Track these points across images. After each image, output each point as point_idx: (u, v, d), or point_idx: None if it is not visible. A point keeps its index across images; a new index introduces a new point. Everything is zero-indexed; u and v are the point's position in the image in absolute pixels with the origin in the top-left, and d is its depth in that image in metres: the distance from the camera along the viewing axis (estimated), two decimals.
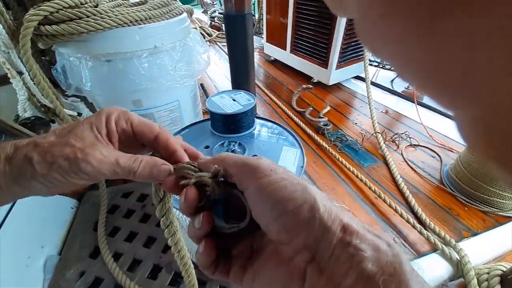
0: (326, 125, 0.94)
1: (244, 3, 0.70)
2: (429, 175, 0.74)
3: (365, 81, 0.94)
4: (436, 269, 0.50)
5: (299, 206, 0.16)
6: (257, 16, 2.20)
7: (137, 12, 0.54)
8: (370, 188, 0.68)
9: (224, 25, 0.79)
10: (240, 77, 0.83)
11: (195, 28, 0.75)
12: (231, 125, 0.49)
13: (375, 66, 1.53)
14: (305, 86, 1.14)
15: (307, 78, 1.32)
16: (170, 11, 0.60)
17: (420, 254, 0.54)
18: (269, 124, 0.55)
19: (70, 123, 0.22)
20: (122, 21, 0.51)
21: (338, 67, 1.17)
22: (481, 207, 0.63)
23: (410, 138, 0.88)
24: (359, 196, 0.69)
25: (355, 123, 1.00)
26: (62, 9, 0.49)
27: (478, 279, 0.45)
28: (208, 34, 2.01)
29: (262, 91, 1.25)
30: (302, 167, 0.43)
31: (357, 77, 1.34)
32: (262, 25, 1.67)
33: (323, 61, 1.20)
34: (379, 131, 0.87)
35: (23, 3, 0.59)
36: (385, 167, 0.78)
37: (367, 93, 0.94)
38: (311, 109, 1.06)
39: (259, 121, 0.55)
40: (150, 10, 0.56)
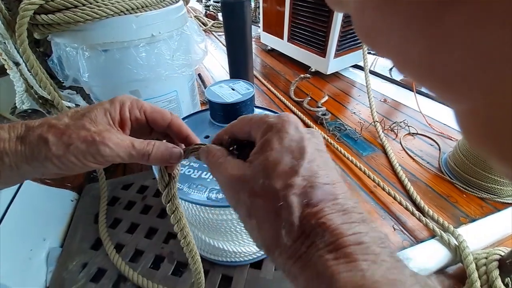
0: (325, 114, 0.94)
1: None
2: (427, 163, 0.75)
3: (363, 70, 0.93)
4: (435, 255, 0.51)
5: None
6: (253, 4, 2.15)
7: (133, 0, 0.52)
8: (369, 177, 0.68)
9: (221, 12, 0.77)
10: (239, 66, 0.81)
11: (191, 17, 0.73)
12: (231, 114, 0.49)
13: (373, 54, 1.50)
14: (303, 76, 1.13)
15: (304, 68, 1.31)
16: None
17: (419, 241, 0.55)
18: (268, 113, 0.54)
19: (81, 107, 0.23)
20: (119, 9, 0.50)
21: (336, 55, 1.16)
22: (479, 194, 0.63)
23: (408, 126, 0.88)
24: (358, 185, 0.69)
25: (354, 113, 1.00)
26: None
27: (476, 264, 0.46)
28: (203, 24, 1.96)
29: (259, 81, 1.23)
30: None
31: (356, 66, 1.33)
32: (259, 13, 1.63)
33: (321, 50, 1.18)
34: (377, 120, 0.87)
35: None
36: (383, 156, 0.78)
37: (365, 82, 0.93)
38: (309, 99, 1.05)
39: (259, 110, 0.55)
40: None
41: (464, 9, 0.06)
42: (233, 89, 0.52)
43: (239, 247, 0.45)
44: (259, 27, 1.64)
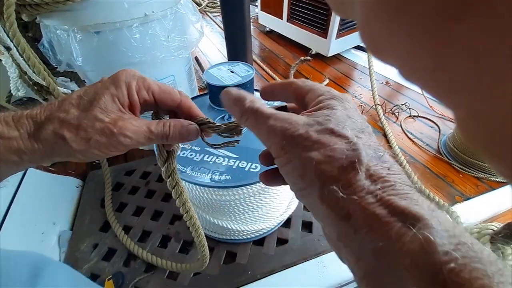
0: None
1: None
2: (426, 145, 0.76)
3: (366, 51, 0.91)
4: None
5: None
6: None
7: None
8: None
9: None
10: (237, 48, 0.79)
11: None
12: None
13: None
14: (303, 59, 1.11)
15: (305, 50, 1.28)
16: None
17: None
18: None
19: (82, 89, 0.22)
20: None
21: (338, 36, 1.12)
22: (475, 174, 0.65)
23: (410, 109, 0.87)
24: None
25: (355, 96, 0.99)
26: None
27: None
28: (197, 4, 1.87)
29: (257, 65, 1.21)
30: None
31: (358, 47, 1.29)
32: None
33: (322, 30, 1.14)
34: (379, 103, 0.87)
35: None
36: (383, 139, 0.79)
37: (368, 63, 0.91)
38: None
39: (258, 94, 0.54)
40: None
41: (470, 24, 0.06)
42: (232, 72, 0.51)
43: (242, 225, 0.47)
44: (256, 6, 1.58)
